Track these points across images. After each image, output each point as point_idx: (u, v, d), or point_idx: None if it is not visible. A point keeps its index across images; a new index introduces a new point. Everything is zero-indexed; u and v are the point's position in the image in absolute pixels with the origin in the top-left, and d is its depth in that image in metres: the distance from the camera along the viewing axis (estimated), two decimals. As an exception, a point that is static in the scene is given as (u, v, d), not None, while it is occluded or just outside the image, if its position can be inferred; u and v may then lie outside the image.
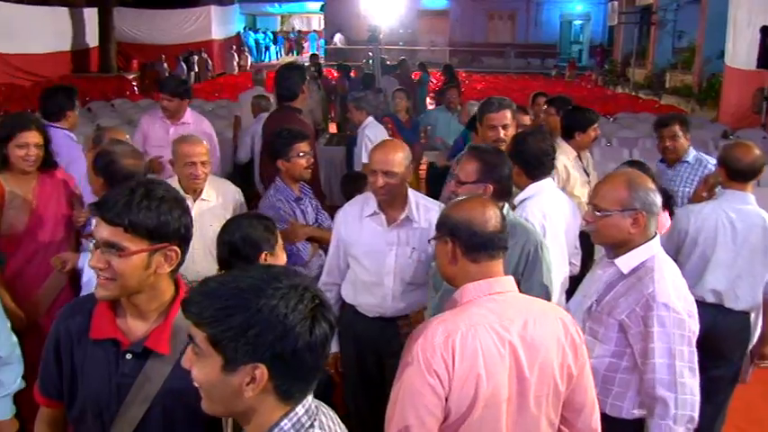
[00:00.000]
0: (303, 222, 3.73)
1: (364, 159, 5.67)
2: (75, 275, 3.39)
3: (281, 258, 2.60)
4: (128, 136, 3.98)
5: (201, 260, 3.41)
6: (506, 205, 2.87)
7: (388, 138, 3.43)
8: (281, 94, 4.84)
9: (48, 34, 20.29)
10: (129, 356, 1.76)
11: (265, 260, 2.48)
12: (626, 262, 2.46)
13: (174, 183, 3.46)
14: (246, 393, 1.27)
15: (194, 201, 3.55)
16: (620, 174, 2.58)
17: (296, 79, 4.79)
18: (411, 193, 3.19)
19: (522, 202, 3.30)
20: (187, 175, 3.53)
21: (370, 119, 6.42)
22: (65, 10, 21.64)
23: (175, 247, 1.72)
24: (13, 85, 16.09)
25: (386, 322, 3.23)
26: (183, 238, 1.74)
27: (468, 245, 2.00)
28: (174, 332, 1.75)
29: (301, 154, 3.72)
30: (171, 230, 1.70)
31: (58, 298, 3.46)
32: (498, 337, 1.87)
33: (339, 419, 1.43)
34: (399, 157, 3.05)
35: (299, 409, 1.33)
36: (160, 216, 1.67)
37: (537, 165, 3.34)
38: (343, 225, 3.27)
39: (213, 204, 3.64)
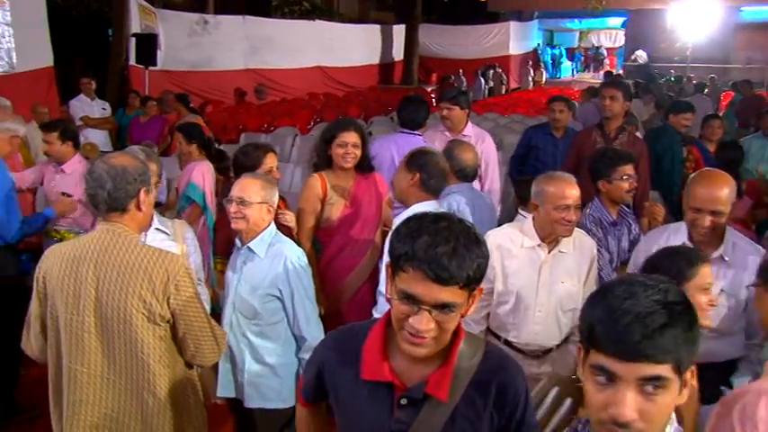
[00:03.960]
0: (612, 250, 3.53)
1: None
2: (376, 270, 3.66)
3: None
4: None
5: (542, 320, 2.98)
6: None
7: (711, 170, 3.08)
8: None
9: (361, 49, 22.47)
10: (404, 402, 1.63)
11: None
12: None
13: (514, 227, 3.11)
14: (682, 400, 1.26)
15: (548, 251, 2.99)
16: None
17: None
18: (728, 230, 2.88)
19: None
20: (557, 220, 2.89)
21: None
22: (377, 27, 23.81)
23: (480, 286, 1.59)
24: (329, 94, 17.93)
25: None
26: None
27: None
28: (453, 377, 1.62)
29: (625, 177, 3.51)
30: (482, 274, 1.56)
31: (361, 288, 3.75)
32: None
33: None
34: (726, 194, 2.76)
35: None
36: (474, 262, 1.52)
37: None
38: (645, 251, 2.98)
39: (568, 257, 3.02)
